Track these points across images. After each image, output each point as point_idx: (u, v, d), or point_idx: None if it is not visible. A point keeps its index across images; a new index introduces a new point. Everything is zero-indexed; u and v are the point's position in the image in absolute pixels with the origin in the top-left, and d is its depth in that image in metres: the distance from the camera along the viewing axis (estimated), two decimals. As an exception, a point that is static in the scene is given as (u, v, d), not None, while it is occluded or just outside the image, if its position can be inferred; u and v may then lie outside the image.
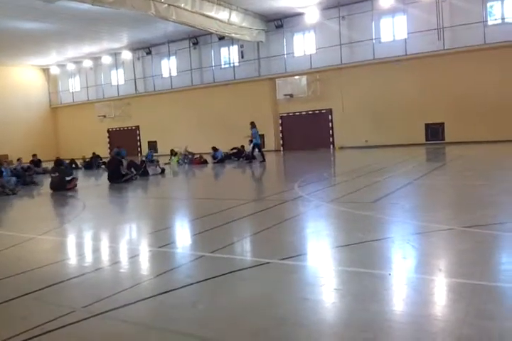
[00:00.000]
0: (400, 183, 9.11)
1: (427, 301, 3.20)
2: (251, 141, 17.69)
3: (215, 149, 19.47)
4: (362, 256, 4.29)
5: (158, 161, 16.81)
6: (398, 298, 3.31)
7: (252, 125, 17.56)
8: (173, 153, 19.76)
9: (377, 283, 3.58)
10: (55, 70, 33.27)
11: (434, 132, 20.90)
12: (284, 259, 4.27)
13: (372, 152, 19.71)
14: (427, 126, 20.99)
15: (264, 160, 16.93)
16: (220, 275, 3.95)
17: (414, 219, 5.81)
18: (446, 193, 8.05)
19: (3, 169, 13.53)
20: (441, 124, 20.68)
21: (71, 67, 32.28)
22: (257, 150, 17.56)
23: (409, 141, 20.95)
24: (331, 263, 4.26)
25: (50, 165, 15.35)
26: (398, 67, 21.00)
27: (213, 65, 26.71)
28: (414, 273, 3.84)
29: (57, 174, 12.20)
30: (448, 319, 2.88)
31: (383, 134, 21.76)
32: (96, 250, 5.51)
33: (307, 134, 23.79)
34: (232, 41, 25.13)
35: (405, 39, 20.95)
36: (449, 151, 17.70)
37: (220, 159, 18.86)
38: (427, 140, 21.00)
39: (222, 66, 26.75)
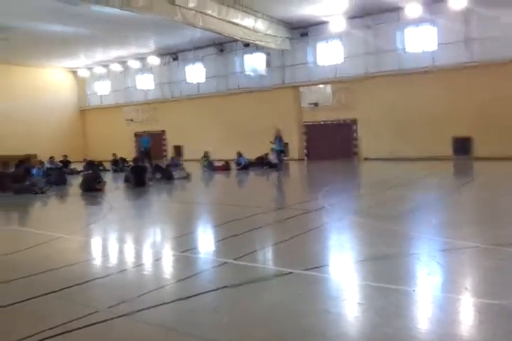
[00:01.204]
0: (426, 197, 8.99)
1: (452, 320, 3.15)
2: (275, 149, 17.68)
3: (239, 155, 19.55)
4: (386, 271, 4.25)
5: (183, 165, 16.94)
6: (422, 316, 3.27)
7: (276, 132, 17.57)
8: (206, 155, 19.99)
9: (401, 299, 3.54)
10: (84, 73, 33.92)
11: (461, 146, 20.51)
12: (307, 270, 4.26)
13: (398, 164, 19.49)
14: (454, 139, 20.63)
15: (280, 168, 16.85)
16: (242, 283, 3.97)
17: (440, 235, 5.72)
18: (473, 209, 7.91)
19: (34, 170, 13.89)
20: (469, 138, 20.31)
21: (100, 70, 32.87)
22: (275, 156, 17.51)
23: (435, 154, 20.63)
24: (355, 277, 4.23)
25: (78, 166, 15.71)
26: (425, 78, 20.79)
27: (238, 71, 26.91)
28: (439, 290, 3.79)
29: (90, 172, 12.46)
30: (475, 340, 2.83)
31: (409, 146, 21.48)
32: (120, 251, 5.60)
33: (331, 144, 23.67)
34: (257, 48, 25.28)
35: (432, 50, 20.73)
36: (476, 166, 17.38)
37: (244, 166, 18.91)
38: (453, 154, 20.65)
39: (247, 73, 26.90)
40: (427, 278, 4.10)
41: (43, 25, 21.13)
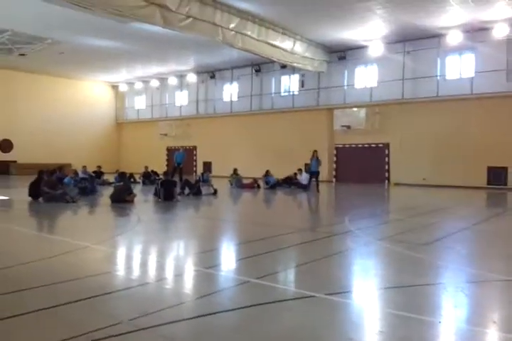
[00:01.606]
0: (457, 227, 8.76)
1: (478, 355, 3.04)
2: (310, 170, 17.56)
3: (268, 174, 19.59)
4: (411, 300, 4.15)
5: (211, 182, 17.09)
6: (447, 349, 3.17)
7: (312, 153, 17.53)
8: (235, 172, 20.13)
9: (426, 329, 3.44)
10: (123, 87, 35.04)
11: (497, 176, 19.98)
12: (330, 294, 4.20)
13: (429, 191, 19.12)
14: (490, 169, 20.14)
15: (317, 191, 16.68)
16: (263, 303, 3.95)
17: (469, 267, 5.55)
18: (505, 242, 7.64)
19: (66, 179, 14.27)
20: (505, 168, 19.79)
21: (139, 85, 33.90)
22: (306, 177, 17.44)
23: (469, 183, 20.16)
24: (378, 304, 4.14)
25: (110, 177, 16.07)
26: (462, 106, 20.49)
27: (273, 92, 27.21)
28: (466, 323, 3.66)
29: (122, 183, 12.75)
30: (501, 377, 2.72)
31: (442, 173, 21.09)
32: (144, 264, 5.66)
33: (362, 167, 23.48)
34: (294, 70, 25.54)
35: (472, 78, 20.46)
36: (511, 197, 16.85)
37: (272, 185, 18.94)
38: (488, 183, 20.11)
39: (282, 94, 27.19)
40: (453, 310, 3.98)
41: (93, 40, 22.17)
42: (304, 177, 19.70)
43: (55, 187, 12.23)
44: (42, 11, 17.65)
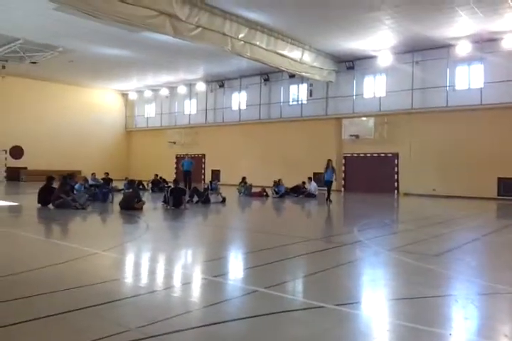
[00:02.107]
0: (468, 238, 8.68)
1: (490, 369, 3.00)
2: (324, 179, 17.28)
3: (278, 182, 19.54)
4: (421, 312, 4.10)
5: (220, 190, 17.11)
6: (458, 362, 3.12)
7: (328, 163, 17.29)
8: (244, 180, 20.13)
9: (436, 342, 3.40)
10: (133, 96, 35.36)
11: (508, 187, 19.80)
12: (338, 305, 4.17)
13: (439, 201, 18.98)
14: (500, 180, 19.98)
15: (328, 200, 16.50)
16: (271, 313, 3.92)
17: (480, 278, 5.49)
18: (516, 253, 7.56)
19: (76, 186, 14.35)
20: (515, 179, 19.65)
21: (148, 93, 34.19)
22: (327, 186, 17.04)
23: (479, 194, 20.00)
24: (388, 316, 4.10)
25: (119, 185, 16.16)
26: (472, 116, 20.41)
27: (281, 101, 27.30)
28: (476, 335, 3.61)
29: (131, 190, 12.82)
30: None
31: (451, 184, 20.96)
32: (153, 272, 5.65)
33: (370, 177, 23.39)
34: (302, 79, 25.63)
35: (481, 88, 20.40)
36: (521, 208, 16.68)
37: (281, 194, 18.91)
38: (498, 194, 19.94)
39: (290, 103, 27.27)
40: (463, 322, 3.93)
41: (103, 49, 22.47)
42: (312, 187, 19.68)
43: (65, 194, 12.31)
44: (53, 20, 17.92)
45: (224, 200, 15.38)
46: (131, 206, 12.05)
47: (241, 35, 17.66)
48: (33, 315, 3.70)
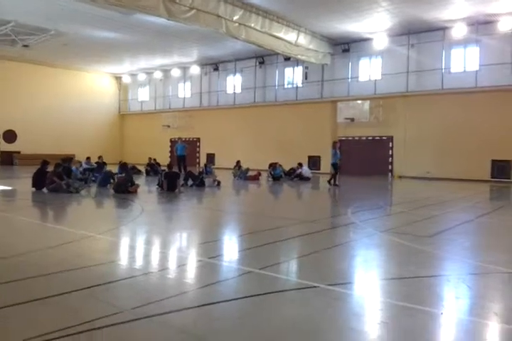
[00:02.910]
0: (460, 219, 8.75)
1: (480, 346, 3.05)
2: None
3: (275, 165, 19.50)
4: (413, 291, 4.15)
5: (215, 173, 17.09)
6: (449, 340, 3.18)
7: (333, 145, 17.10)
8: (238, 164, 20.09)
9: (428, 320, 3.45)
10: (126, 79, 34.98)
11: (501, 169, 19.92)
12: (332, 285, 4.22)
13: (433, 184, 19.08)
14: (494, 162, 20.08)
15: (330, 183, 16.37)
16: (266, 293, 3.96)
17: (472, 259, 5.55)
18: (508, 235, 7.64)
19: (73, 169, 14.29)
20: (509, 162, 19.73)
21: (142, 77, 33.82)
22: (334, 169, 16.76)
23: (473, 176, 20.11)
24: (380, 295, 4.15)
25: (113, 168, 16.09)
26: (467, 99, 20.38)
27: (277, 84, 27.10)
28: (467, 314, 3.67)
29: (123, 174, 12.79)
30: (502, 368, 2.73)
31: (445, 167, 21.05)
32: (148, 254, 5.68)
33: (365, 160, 23.43)
34: (297, 62, 25.41)
35: (476, 71, 20.31)
36: (514, 190, 16.81)
37: (276, 177, 18.91)
38: (492, 177, 20.06)
39: (286, 86, 27.09)
40: (455, 301, 3.99)
41: (96, 31, 22.12)
42: (305, 170, 19.71)
43: (59, 177, 12.26)
44: (46, 2, 17.60)
45: (219, 184, 15.39)
46: (125, 190, 12.03)
47: (236, 17, 17.42)
48: (28, 297, 3.72)
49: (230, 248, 6.26)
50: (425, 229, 7.60)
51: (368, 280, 4.65)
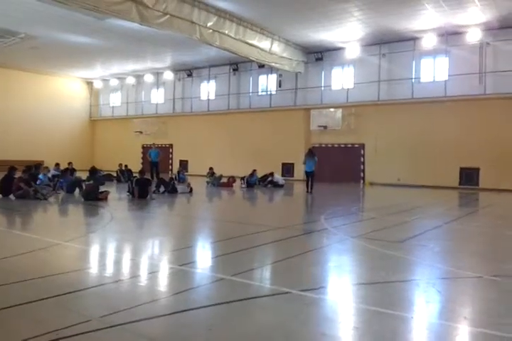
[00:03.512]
0: (430, 225, 8.91)
1: (450, 349, 3.08)
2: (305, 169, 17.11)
3: (254, 173, 19.38)
4: (384, 296, 4.19)
5: (188, 180, 16.95)
6: (419, 343, 3.20)
7: (307, 152, 17.17)
8: (211, 170, 19.95)
9: (399, 325, 3.48)
10: (98, 84, 34.47)
11: (469, 177, 20.44)
12: (304, 291, 4.21)
13: (403, 191, 19.42)
14: (462, 170, 20.59)
15: (307, 190, 16.34)
16: (238, 300, 3.92)
17: (442, 264, 5.64)
18: (476, 240, 7.82)
19: (41, 176, 13.93)
20: (477, 169, 20.26)
21: (114, 82, 33.39)
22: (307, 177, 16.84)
23: (442, 183, 20.56)
24: (352, 300, 4.16)
25: (82, 175, 15.78)
26: (437, 108, 20.89)
27: (251, 91, 27.20)
28: (437, 318, 3.71)
29: (91, 182, 12.53)
30: (471, 370, 2.76)
31: (416, 174, 21.46)
32: (118, 262, 5.56)
33: (337, 167, 23.66)
34: (271, 70, 25.57)
35: (445, 81, 20.86)
36: (482, 197, 17.27)
37: (250, 184, 18.85)
38: (460, 184, 20.55)
39: (260, 93, 27.21)
40: (425, 305, 4.03)
41: (67, 36, 21.75)
42: (277, 178, 19.79)
43: (27, 184, 11.93)
44: (16, 5, 17.21)
45: (191, 190, 15.26)
46: (95, 197, 11.79)
47: (210, 24, 17.42)
48: (-10, 307, 3.58)
49: (203, 255, 6.19)
50: (396, 235, 7.70)
51: (340, 286, 4.67)
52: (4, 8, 17.85)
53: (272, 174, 19.96)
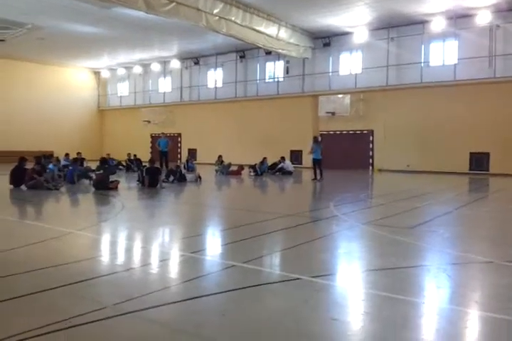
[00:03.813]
0: (440, 211, 8.88)
1: (460, 334, 3.10)
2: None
3: (263, 161, 19.40)
4: (395, 282, 4.20)
5: (196, 169, 16.99)
6: (431, 328, 3.21)
7: (313, 140, 17.20)
8: (220, 159, 20.00)
9: (410, 310, 3.49)
10: (105, 74, 34.46)
11: (479, 162, 20.28)
12: (314, 277, 4.23)
13: (413, 177, 19.33)
14: (472, 154, 20.41)
15: (318, 178, 16.18)
16: (249, 287, 3.96)
17: (452, 249, 5.64)
18: (487, 225, 7.79)
19: (50, 166, 14.03)
20: (487, 154, 20.08)
21: (121, 71, 33.35)
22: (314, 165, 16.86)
23: (451, 168, 20.42)
24: (362, 286, 4.18)
25: (92, 165, 15.88)
26: (446, 92, 20.64)
27: (258, 78, 27.04)
28: (448, 303, 3.72)
29: (101, 171, 12.62)
30: (482, 354, 2.78)
31: (425, 159, 21.32)
32: (129, 250, 5.62)
33: (346, 154, 23.57)
34: (278, 56, 25.37)
35: (455, 64, 20.56)
36: (492, 182, 17.14)
37: (261, 172, 18.81)
38: (470, 169, 20.40)
39: (267, 80, 27.05)
40: (436, 291, 4.04)
41: (74, 26, 21.69)
42: (287, 165, 19.78)
43: (38, 174, 12.04)
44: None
45: (200, 179, 15.29)
46: (106, 186, 11.88)
47: (216, 11, 17.26)
48: (7, 295, 3.64)
49: (213, 242, 6.24)
50: (406, 221, 7.69)
51: (350, 272, 4.69)
52: (10, -1, 17.83)
53: (283, 159, 19.92)
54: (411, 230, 6.82)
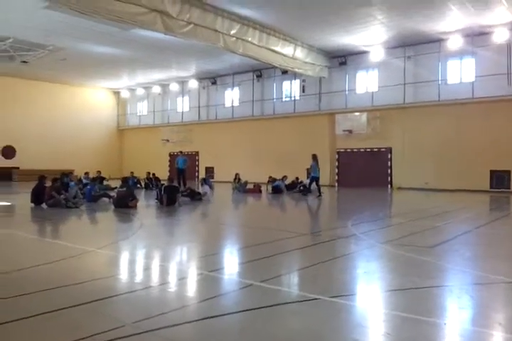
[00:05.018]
0: (461, 230, 8.74)
1: (485, 356, 3.03)
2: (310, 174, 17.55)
3: (283, 179, 19.50)
4: (416, 302, 4.13)
5: (213, 187, 17.07)
6: (453, 350, 3.15)
7: (313, 158, 17.48)
8: (237, 177, 20.11)
9: (431, 331, 3.43)
10: (125, 94, 35.18)
11: (500, 180, 19.96)
12: (333, 297, 4.19)
13: (432, 195, 19.08)
14: (493, 172, 20.12)
15: (320, 195, 16.64)
16: (268, 306, 3.93)
17: (475, 269, 5.53)
18: (508, 244, 7.63)
19: (72, 183, 14.26)
20: (508, 172, 19.78)
21: (140, 91, 34.03)
22: (314, 184, 17.33)
23: (472, 186, 20.13)
24: (383, 307, 4.12)
25: (112, 184, 16.08)
26: (464, 110, 20.51)
27: (274, 97, 27.29)
28: (471, 325, 3.65)
29: (124, 189, 12.78)
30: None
31: (444, 177, 21.08)
32: (148, 268, 5.65)
33: (364, 171, 23.45)
34: (295, 75, 25.62)
35: (472, 82, 20.49)
36: (513, 200, 16.81)
37: (276, 190, 18.83)
38: (491, 187, 20.08)
39: (283, 99, 27.27)
40: (458, 312, 3.96)
41: (94, 47, 22.30)
42: (306, 183, 19.82)
43: (58, 192, 12.24)
44: (44, 18, 17.75)
45: (210, 195, 15.23)
46: (125, 204, 12.01)
47: (233, 32, 17.60)
48: (29, 313, 3.69)
49: (231, 261, 6.23)
50: (426, 240, 7.58)
51: (370, 292, 4.62)
52: (32, 22, 18.46)
53: (297, 179, 19.98)
54: (431, 249, 6.71)
